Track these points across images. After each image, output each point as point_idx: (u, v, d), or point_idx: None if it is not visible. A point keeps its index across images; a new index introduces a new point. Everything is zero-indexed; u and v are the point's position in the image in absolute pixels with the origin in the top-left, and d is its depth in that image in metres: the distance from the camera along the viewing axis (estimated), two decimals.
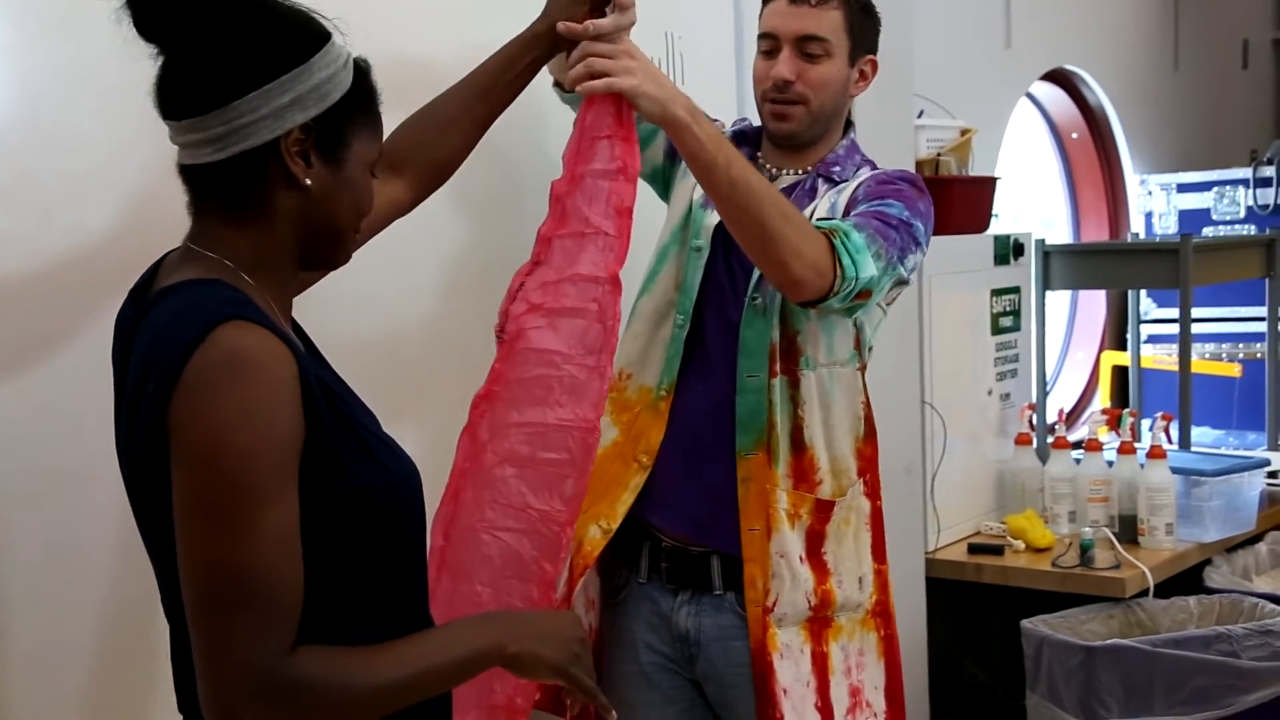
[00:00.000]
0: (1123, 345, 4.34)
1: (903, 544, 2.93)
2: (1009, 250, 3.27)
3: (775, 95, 1.98)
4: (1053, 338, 4.12)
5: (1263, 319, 3.98)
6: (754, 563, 1.97)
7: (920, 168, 3.08)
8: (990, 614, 3.07)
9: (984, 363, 3.23)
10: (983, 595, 3.06)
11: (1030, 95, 4.26)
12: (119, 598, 1.63)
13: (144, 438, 1.21)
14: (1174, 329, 3.62)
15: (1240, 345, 4.22)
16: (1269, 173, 4.22)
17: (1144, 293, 4.22)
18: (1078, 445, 3.24)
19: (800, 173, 2.04)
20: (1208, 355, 4.24)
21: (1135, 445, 3.16)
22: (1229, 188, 4.30)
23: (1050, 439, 3.27)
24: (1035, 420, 3.36)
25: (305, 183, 1.28)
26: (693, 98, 2.26)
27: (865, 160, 2.06)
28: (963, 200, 3.13)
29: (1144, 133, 4.58)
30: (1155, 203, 4.42)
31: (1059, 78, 4.31)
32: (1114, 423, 3.52)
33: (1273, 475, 3.54)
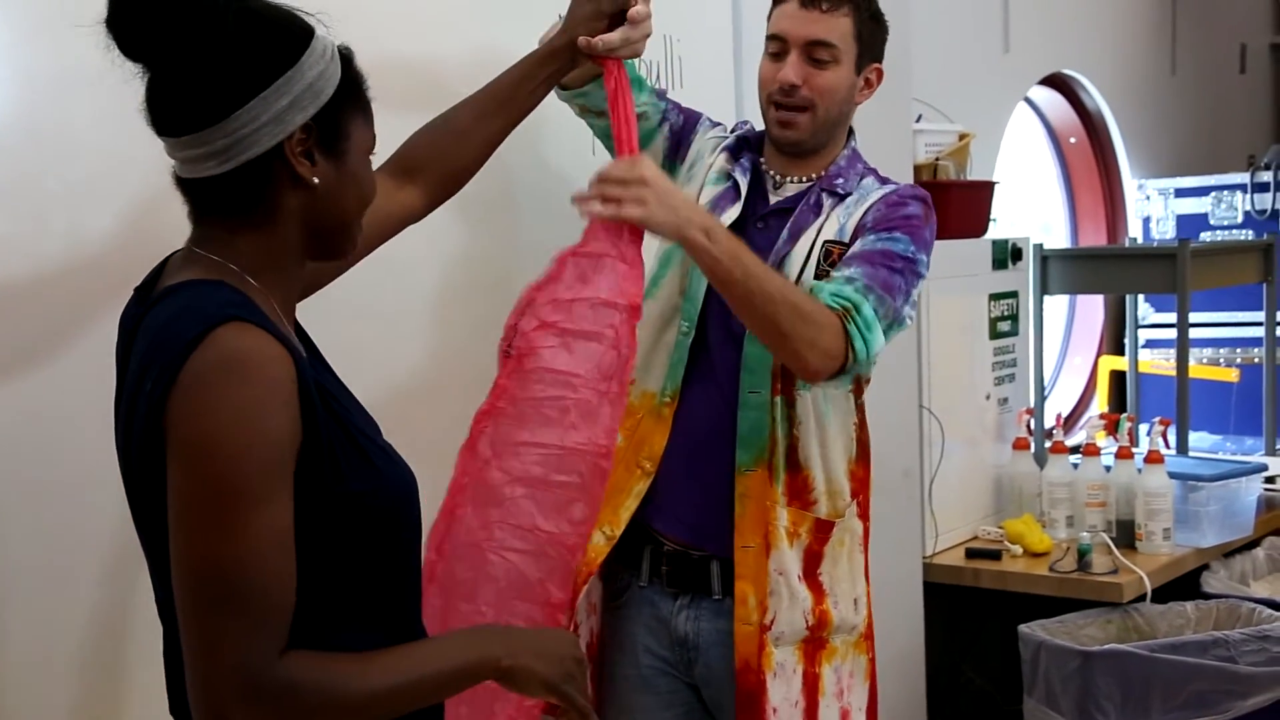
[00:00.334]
0: (1120, 350, 4.34)
1: (900, 549, 2.94)
2: (1007, 255, 3.27)
3: (780, 99, 1.97)
4: (1050, 342, 4.12)
5: (1260, 324, 3.98)
6: (746, 579, 1.96)
7: (918, 172, 3.08)
8: (988, 619, 3.06)
9: (982, 367, 3.23)
10: (980, 600, 3.05)
11: (1028, 100, 4.27)
12: (116, 600, 1.63)
13: (141, 436, 1.21)
14: (1172, 334, 3.62)
15: (1238, 350, 4.22)
16: (1266, 178, 4.22)
17: (1142, 297, 4.22)
18: (1075, 450, 3.25)
19: (803, 180, 2.03)
20: (1205, 360, 4.24)
21: (1133, 450, 3.16)
22: (1226, 193, 4.30)
23: (1048, 444, 3.27)
24: (1033, 425, 3.37)
25: (313, 181, 1.28)
26: (691, 101, 2.27)
27: (868, 169, 2.06)
28: (961, 205, 3.13)
29: (1142, 137, 4.59)
30: (1153, 207, 4.42)
31: (1057, 82, 4.31)
32: (1112, 428, 3.53)
33: (1270, 480, 3.54)
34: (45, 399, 1.59)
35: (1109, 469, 3.14)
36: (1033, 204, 4.47)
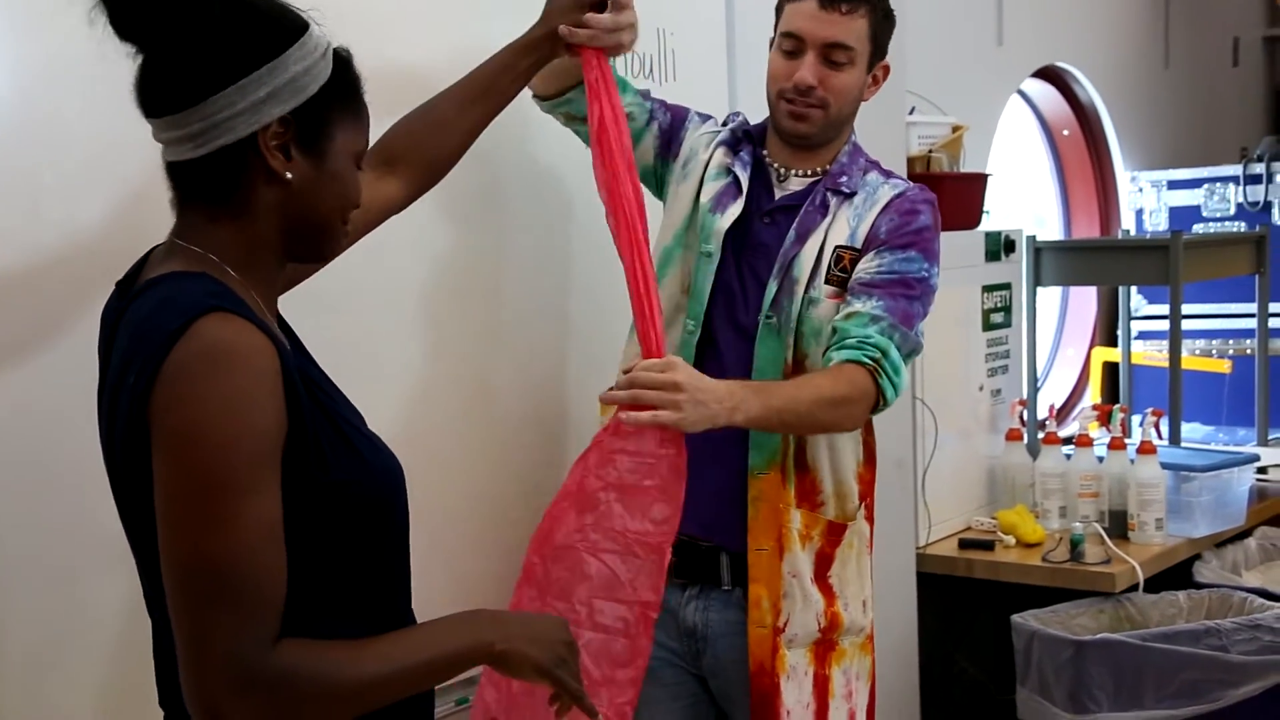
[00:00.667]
0: (1113, 341, 4.35)
1: (894, 539, 2.94)
2: (1000, 247, 3.27)
3: (794, 97, 1.97)
4: (1044, 334, 4.13)
5: (1252, 315, 3.99)
6: (759, 582, 1.97)
7: (911, 164, 3.09)
8: (981, 609, 3.07)
9: (975, 359, 3.23)
10: (973, 590, 3.06)
11: (1022, 92, 4.27)
12: (107, 594, 1.62)
13: (125, 429, 1.21)
14: (1164, 325, 3.63)
15: (1230, 341, 4.23)
16: (1259, 170, 4.23)
17: (1134, 289, 4.23)
18: (1068, 441, 3.26)
19: (808, 174, 2.03)
20: (1198, 351, 4.25)
21: (1126, 441, 3.17)
22: (1219, 185, 4.31)
23: (1041, 435, 3.28)
24: (1026, 416, 3.37)
25: (285, 176, 1.27)
26: (685, 93, 2.27)
27: (870, 162, 2.06)
28: (954, 197, 3.13)
29: (1135, 130, 4.59)
30: (1146, 199, 4.43)
31: (1050, 75, 4.32)
32: (1104, 418, 3.54)
33: (1262, 471, 3.56)
34: (39, 391, 1.59)
35: (1102, 460, 3.15)
36: (1026, 196, 4.48)
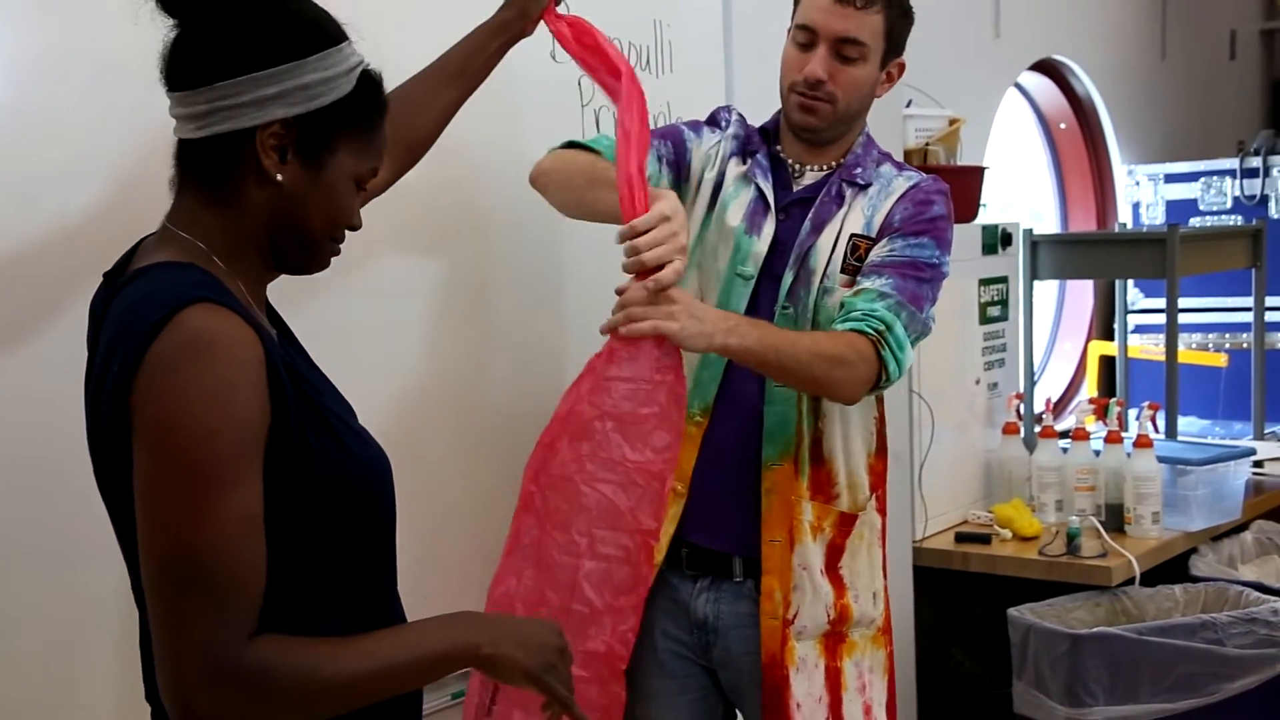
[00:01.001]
0: (1110, 335, 4.35)
1: (890, 533, 2.92)
2: (997, 240, 3.27)
3: (804, 90, 1.96)
4: (1040, 327, 4.13)
5: (1249, 309, 3.99)
6: (772, 574, 1.97)
7: (908, 157, 3.08)
8: (977, 602, 3.07)
9: (972, 352, 3.23)
10: (970, 584, 3.06)
11: (1018, 85, 4.27)
12: (94, 584, 1.61)
13: (108, 419, 1.20)
14: (1161, 319, 3.63)
15: (1226, 335, 4.23)
16: (1255, 163, 4.23)
17: (1131, 283, 4.23)
18: (1065, 435, 3.25)
19: (822, 169, 2.02)
20: (1194, 345, 4.25)
21: (1122, 434, 3.17)
22: (1216, 178, 4.31)
23: (1037, 428, 3.28)
24: (1022, 410, 3.37)
25: (276, 178, 1.27)
26: (682, 85, 2.26)
27: (883, 154, 2.05)
28: (951, 190, 3.12)
29: (1132, 123, 4.59)
30: (1143, 193, 4.43)
31: (1047, 68, 4.31)
32: (1101, 412, 3.53)
33: (1258, 464, 3.56)
34: (33, 380, 1.58)
35: (1098, 453, 3.15)
36: (1023, 189, 4.48)
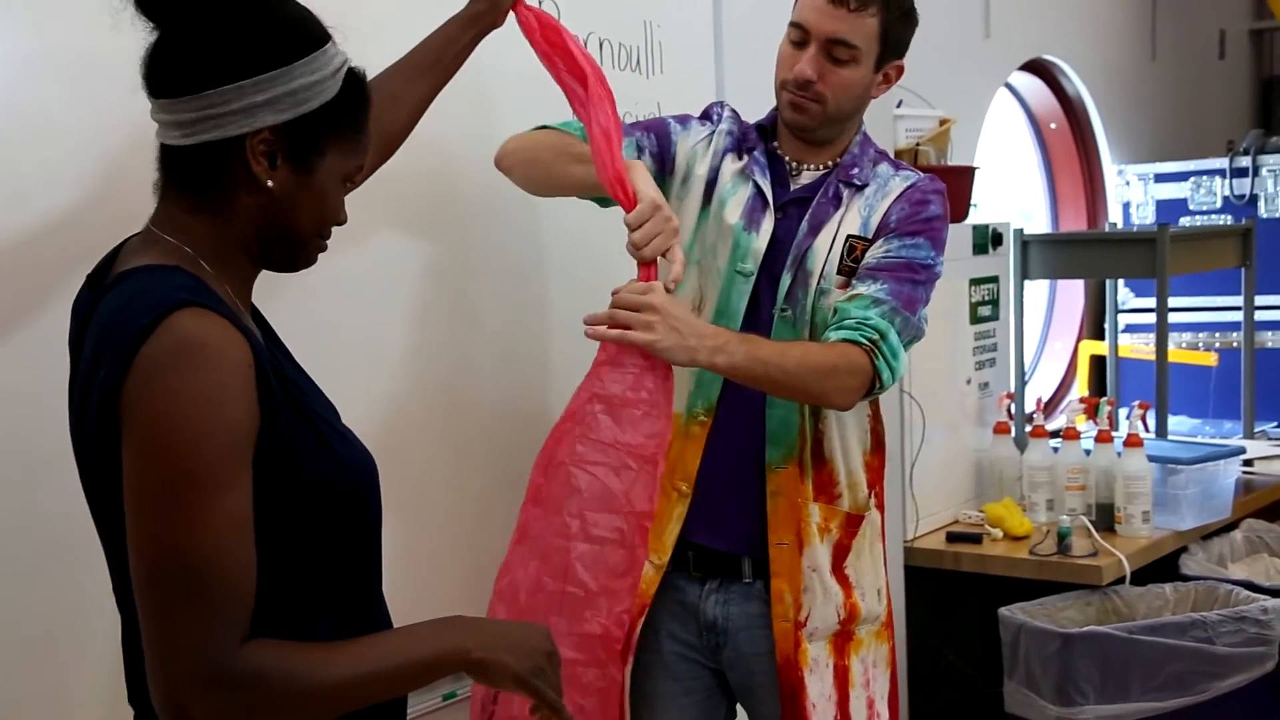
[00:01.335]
0: (1100, 334, 4.36)
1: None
2: (987, 240, 3.28)
3: (794, 89, 1.95)
4: (1031, 327, 4.13)
5: (1239, 308, 4.00)
6: (781, 577, 1.97)
7: (899, 157, 3.08)
8: (968, 602, 3.08)
9: (962, 352, 3.23)
10: (961, 583, 3.07)
11: (1009, 85, 4.27)
12: (76, 587, 1.60)
13: (96, 423, 1.20)
14: (1151, 318, 3.64)
15: (1216, 335, 4.24)
16: (1245, 163, 4.24)
17: (1121, 282, 4.23)
18: (1055, 434, 3.26)
19: (819, 168, 2.02)
20: (1184, 344, 4.26)
21: (1113, 434, 3.17)
22: (1206, 178, 4.31)
23: (1028, 428, 3.28)
24: (1013, 409, 3.38)
25: (266, 184, 1.27)
26: (672, 84, 2.26)
27: (879, 154, 2.05)
28: None
29: (1122, 123, 4.60)
30: (1133, 193, 4.44)
31: (1037, 68, 4.32)
32: (1091, 411, 3.54)
33: (1248, 463, 3.57)
34: (18, 378, 1.58)
35: (1089, 453, 3.16)
36: (1013, 189, 4.48)
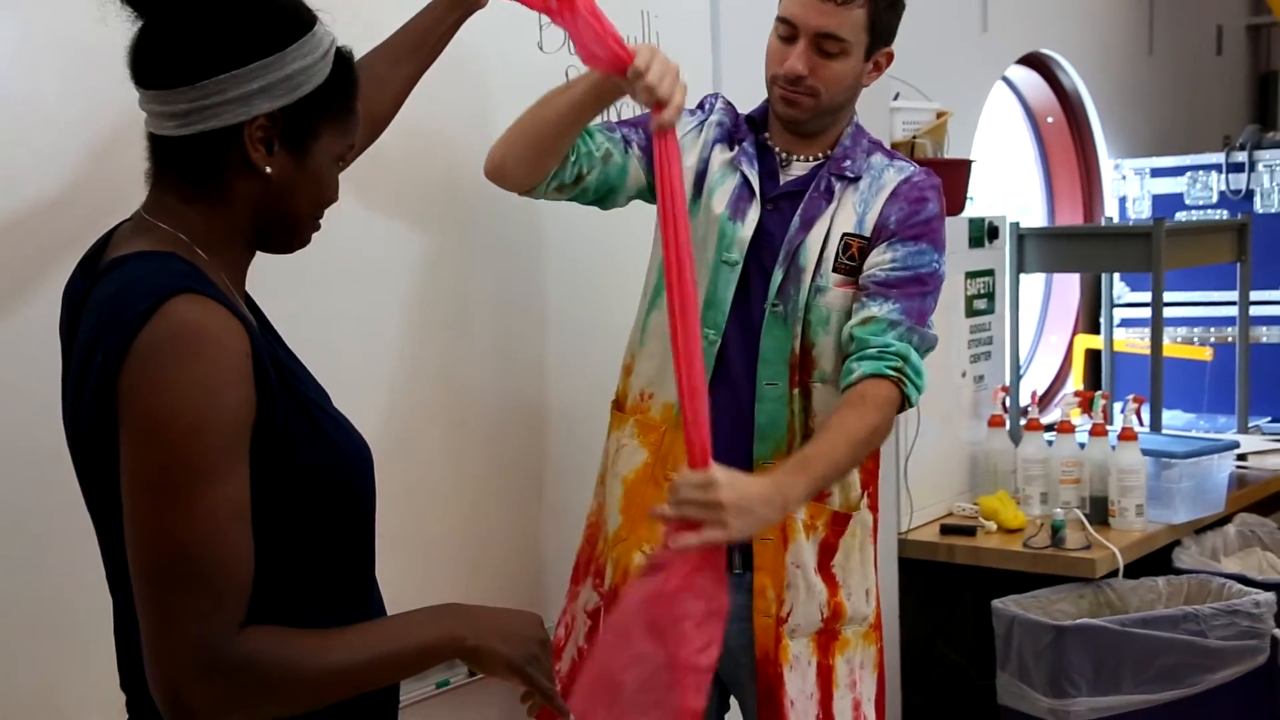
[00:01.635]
0: (1096, 328, 4.36)
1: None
2: (983, 233, 3.28)
3: (785, 84, 1.95)
4: (1026, 321, 4.13)
5: (1234, 303, 4.00)
6: (764, 571, 1.97)
7: (896, 150, 3.08)
8: (962, 594, 3.09)
9: (958, 345, 3.24)
10: (954, 575, 3.07)
11: (1006, 79, 4.27)
12: (67, 572, 1.60)
13: (91, 410, 1.20)
14: (1146, 313, 3.64)
15: (1211, 329, 4.25)
16: (1241, 158, 4.24)
17: (1117, 276, 4.24)
18: (1050, 427, 3.26)
19: (810, 159, 2.02)
20: (1179, 339, 4.27)
21: (1107, 428, 3.18)
22: (1202, 173, 4.32)
23: (1023, 421, 3.29)
24: (1008, 402, 3.38)
25: (265, 170, 1.26)
26: None
27: (873, 143, 2.05)
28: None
29: (1119, 117, 4.60)
30: (1129, 187, 4.44)
31: (1035, 62, 4.32)
32: (1086, 405, 3.55)
33: (1242, 458, 3.58)
34: (10, 365, 1.58)
35: (1083, 446, 3.16)
36: (1010, 183, 4.48)
